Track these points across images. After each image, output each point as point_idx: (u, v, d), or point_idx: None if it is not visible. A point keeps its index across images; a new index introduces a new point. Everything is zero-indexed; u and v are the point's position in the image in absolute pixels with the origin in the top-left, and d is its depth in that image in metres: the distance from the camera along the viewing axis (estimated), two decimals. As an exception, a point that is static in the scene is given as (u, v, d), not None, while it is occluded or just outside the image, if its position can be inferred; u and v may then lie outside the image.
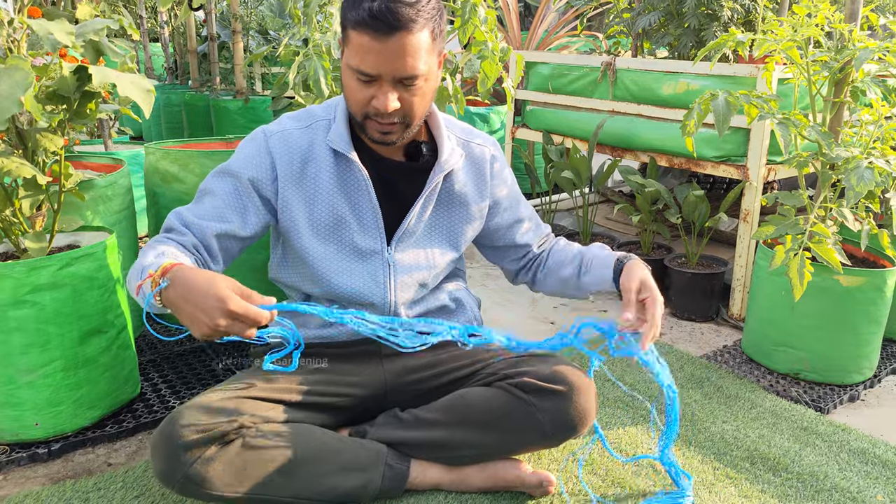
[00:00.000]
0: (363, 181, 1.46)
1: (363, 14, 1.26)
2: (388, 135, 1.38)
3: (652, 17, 2.84)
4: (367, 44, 1.27)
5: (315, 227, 1.48)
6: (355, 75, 1.32)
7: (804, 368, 2.11)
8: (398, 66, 1.29)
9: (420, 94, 1.35)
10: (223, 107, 4.73)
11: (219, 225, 1.42)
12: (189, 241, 1.39)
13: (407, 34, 1.27)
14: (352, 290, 1.51)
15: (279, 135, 1.47)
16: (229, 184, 1.44)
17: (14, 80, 1.35)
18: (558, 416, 1.40)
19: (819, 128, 1.93)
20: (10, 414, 1.60)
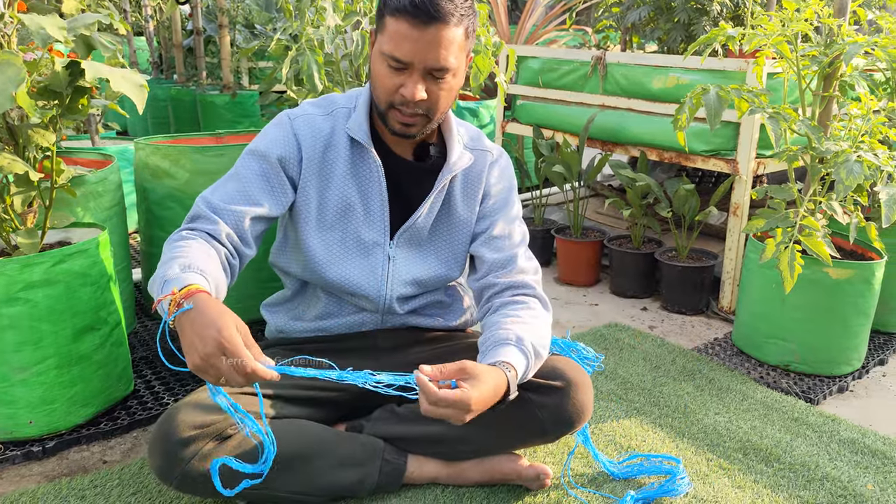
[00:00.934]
0: (376, 171, 1.46)
1: (404, 2, 1.27)
2: (409, 126, 1.38)
3: (641, 11, 2.85)
4: (404, 31, 1.28)
5: (323, 212, 1.48)
6: (387, 61, 1.32)
7: (794, 360, 2.14)
8: (431, 57, 1.30)
9: (447, 89, 1.36)
10: (210, 101, 4.70)
11: (250, 208, 1.40)
12: (221, 229, 1.36)
13: (444, 26, 1.28)
14: (349, 280, 1.51)
15: (303, 118, 1.47)
16: (257, 164, 1.43)
17: (6, 76, 1.34)
18: (557, 412, 1.41)
19: (809, 122, 1.95)
20: (4, 412, 1.59)
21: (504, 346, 1.32)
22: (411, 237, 1.54)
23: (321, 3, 1.81)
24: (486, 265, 1.54)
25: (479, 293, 1.56)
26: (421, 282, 1.57)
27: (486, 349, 1.35)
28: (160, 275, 1.22)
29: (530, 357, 1.33)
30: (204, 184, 2.16)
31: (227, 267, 1.37)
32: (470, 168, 1.55)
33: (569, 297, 2.80)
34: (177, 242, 1.31)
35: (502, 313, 1.44)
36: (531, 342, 1.34)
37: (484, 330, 1.46)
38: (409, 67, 1.32)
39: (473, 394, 1.17)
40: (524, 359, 1.32)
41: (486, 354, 1.34)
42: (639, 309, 2.69)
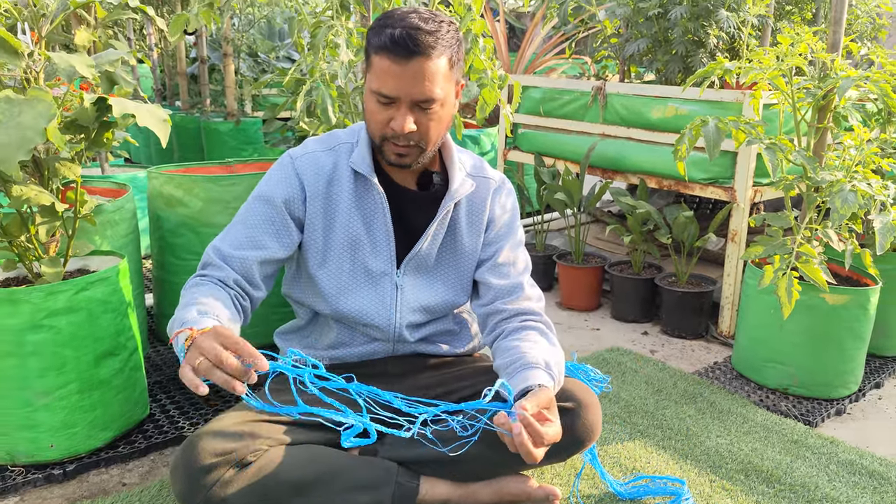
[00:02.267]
0: (380, 202, 1.52)
1: (385, 39, 1.34)
2: (403, 157, 1.44)
3: (640, 43, 2.94)
4: (387, 67, 1.35)
5: (331, 246, 1.53)
6: (375, 97, 1.39)
7: (792, 384, 2.19)
8: (416, 90, 1.36)
9: (436, 119, 1.42)
10: (214, 129, 4.77)
11: (257, 253, 1.48)
12: (229, 275, 1.45)
13: (425, 59, 1.35)
14: (359, 310, 1.56)
15: (305, 157, 1.53)
16: (262, 209, 1.50)
17: (37, 111, 1.40)
18: (568, 432, 1.45)
19: (804, 152, 2.03)
20: (27, 436, 1.62)
21: (534, 369, 1.37)
22: (418, 265, 1.58)
23: (334, 39, 1.88)
24: (493, 292, 1.59)
25: (485, 319, 1.61)
26: (429, 308, 1.61)
27: (513, 371, 1.39)
28: (180, 318, 1.31)
29: (556, 383, 1.39)
30: (216, 212, 2.21)
31: (238, 309, 1.45)
32: (473, 195, 1.60)
33: (571, 322, 2.85)
34: (192, 289, 1.41)
35: (517, 338, 1.49)
36: (556, 368, 1.40)
37: (497, 354, 1.51)
38: (396, 101, 1.38)
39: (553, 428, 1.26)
40: (552, 383, 1.38)
41: (514, 377, 1.38)
42: (640, 333, 2.74)
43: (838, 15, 2.18)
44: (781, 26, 3.01)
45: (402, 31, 1.33)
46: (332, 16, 2.00)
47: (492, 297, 1.59)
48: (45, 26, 1.59)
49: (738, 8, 2.72)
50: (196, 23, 2.21)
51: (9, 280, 1.78)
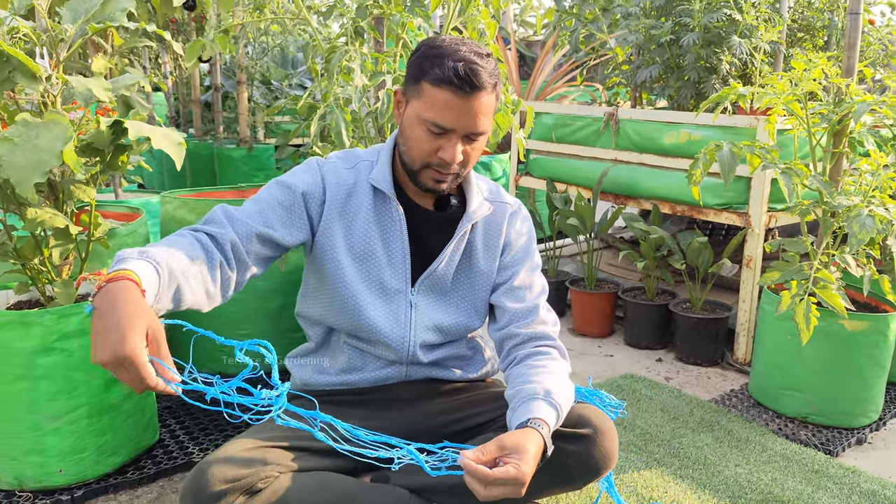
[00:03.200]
0: (398, 220, 1.52)
1: (448, 73, 1.35)
2: (440, 183, 1.45)
3: (652, 69, 2.94)
4: (447, 100, 1.36)
5: (352, 249, 1.53)
6: (426, 127, 1.39)
7: (811, 412, 2.15)
8: (472, 123, 1.38)
9: (478, 149, 1.45)
10: (227, 155, 4.81)
11: (263, 228, 1.40)
12: (226, 234, 1.34)
13: (484, 94, 1.37)
14: (374, 325, 1.55)
15: (331, 165, 1.54)
16: (280, 193, 1.47)
17: (54, 134, 1.41)
18: (583, 460, 1.42)
19: (820, 177, 2.01)
20: (36, 461, 1.61)
21: (534, 400, 1.35)
22: (432, 285, 1.58)
23: (349, 65, 1.89)
24: (508, 315, 1.57)
25: (501, 343, 1.59)
26: (443, 328, 1.60)
27: (515, 405, 1.38)
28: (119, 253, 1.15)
29: (560, 410, 1.36)
30: (229, 236, 2.21)
31: (212, 272, 1.29)
32: (490, 219, 1.60)
33: (584, 348, 2.82)
34: (169, 238, 1.27)
35: (526, 364, 1.48)
36: (559, 395, 1.37)
37: (509, 382, 1.49)
38: (450, 133, 1.40)
39: (526, 468, 1.20)
40: (554, 412, 1.34)
41: (516, 410, 1.36)
42: (654, 360, 2.70)
43: (852, 40, 2.18)
44: (794, 52, 3.01)
45: (465, 67, 1.34)
46: (347, 41, 2.01)
47: (507, 321, 1.58)
48: (63, 51, 1.60)
49: (750, 34, 2.72)
50: (211, 50, 2.23)
51: (21, 303, 1.78)
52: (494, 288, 1.61)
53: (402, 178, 1.54)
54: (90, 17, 1.57)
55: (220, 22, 2.24)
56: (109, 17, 1.58)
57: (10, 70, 1.49)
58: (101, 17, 1.59)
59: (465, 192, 1.58)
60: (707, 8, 2.74)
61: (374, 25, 2.09)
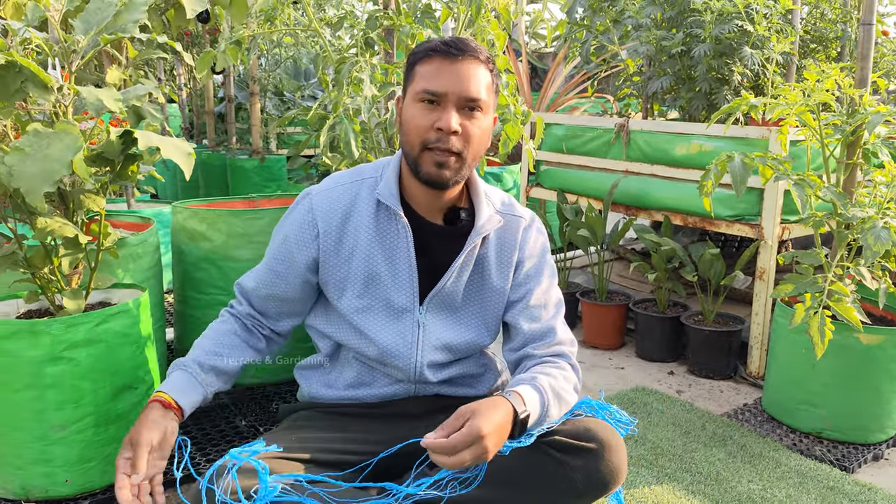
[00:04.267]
0: (404, 235, 1.49)
1: (435, 43, 1.40)
2: (442, 168, 1.40)
3: (663, 81, 2.93)
4: (437, 65, 1.39)
5: (349, 279, 1.51)
6: (421, 98, 1.40)
7: (826, 427, 2.11)
8: (464, 87, 1.38)
9: (478, 126, 1.42)
10: (239, 166, 4.84)
11: (267, 290, 1.55)
12: (243, 310, 1.58)
13: (474, 60, 1.40)
14: (382, 347, 1.53)
15: (322, 194, 1.52)
16: (280, 250, 1.53)
17: (64, 144, 1.41)
18: (590, 475, 1.40)
19: (834, 188, 1.99)
20: (42, 470, 1.61)
21: (516, 385, 1.37)
22: (442, 302, 1.55)
23: (359, 75, 1.90)
24: (524, 336, 1.54)
25: (516, 364, 1.57)
26: (452, 347, 1.57)
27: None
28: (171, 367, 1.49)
29: (545, 393, 1.36)
30: (238, 246, 2.22)
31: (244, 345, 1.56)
32: (503, 233, 1.57)
33: (594, 361, 2.79)
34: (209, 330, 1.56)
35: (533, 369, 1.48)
36: (547, 382, 1.38)
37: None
38: (444, 100, 1.38)
39: (478, 422, 1.21)
40: (536, 393, 1.34)
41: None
42: (665, 373, 2.67)
43: (865, 51, 2.16)
44: (806, 63, 2.99)
45: (451, 38, 1.41)
46: (357, 52, 2.02)
47: (523, 342, 1.55)
48: (76, 62, 1.61)
49: (762, 45, 2.71)
50: (224, 62, 2.24)
51: (30, 312, 1.78)
52: (509, 306, 1.58)
53: (409, 192, 1.52)
54: (102, 28, 1.58)
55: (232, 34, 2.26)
56: (122, 29, 1.59)
57: (22, 80, 1.50)
58: (113, 29, 1.60)
59: (475, 204, 1.55)
60: (718, 19, 2.73)
61: (384, 37, 2.09)
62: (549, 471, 1.43)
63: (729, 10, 2.69)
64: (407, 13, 2.04)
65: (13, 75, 1.50)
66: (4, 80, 1.50)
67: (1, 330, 1.56)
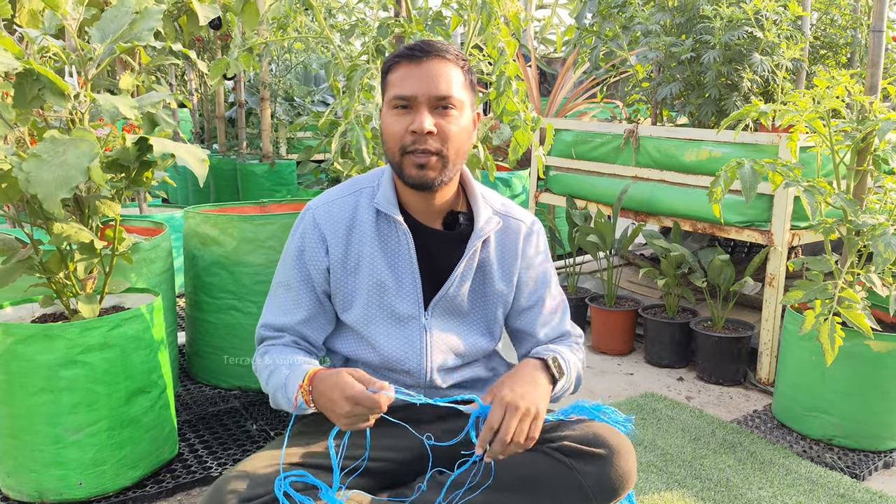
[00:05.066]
0: (405, 242, 1.50)
1: (401, 49, 1.41)
2: (424, 168, 1.40)
3: (672, 87, 2.93)
4: (403, 71, 1.39)
5: (356, 291, 1.52)
6: (394, 105, 1.40)
7: (837, 434, 2.11)
8: (432, 86, 1.38)
9: (455, 124, 1.41)
10: (250, 170, 4.87)
11: (302, 314, 1.51)
12: (287, 340, 1.52)
13: (440, 59, 1.40)
14: (389, 355, 1.54)
15: (323, 207, 1.53)
16: (298, 270, 1.52)
17: (81, 151, 1.43)
18: (600, 480, 1.41)
19: (844, 195, 1.99)
20: (56, 473, 1.62)
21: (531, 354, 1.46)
22: (446, 307, 1.56)
23: (369, 82, 1.91)
24: (539, 340, 1.58)
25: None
26: (459, 352, 1.58)
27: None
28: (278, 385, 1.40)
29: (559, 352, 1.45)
30: (249, 251, 2.23)
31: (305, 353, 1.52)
32: (504, 237, 1.58)
33: (603, 366, 2.80)
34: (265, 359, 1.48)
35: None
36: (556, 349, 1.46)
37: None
38: (414, 103, 1.38)
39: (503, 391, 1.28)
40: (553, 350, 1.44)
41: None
42: (674, 379, 2.67)
43: (876, 58, 2.16)
44: (816, 70, 2.99)
45: (416, 41, 1.42)
46: (368, 59, 2.03)
47: (536, 345, 1.58)
48: (92, 70, 1.63)
49: (772, 52, 2.71)
50: (236, 68, 2.26)
51: (45, 316, 1.81)
52: (520, 313, 1.60)
53: (405, 199, 1.51)
54: (118, 36, 1.61)
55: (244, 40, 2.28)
56: (137, 37, 1.62)
57: (39, 88, 1.52)
58: (128, 37, 1.62)
59: (473, 208, 1.56)
60: (728, 26, 2.74)
61: (395, 44, 2.11)
62: (558, 476, 1.44)
63: (738, 17, 2.70)
64: (418, 20, 2.05)
65: (31, 83, 1.52)
66: (22, 88, 1.53)
67: (17, 334, 1.59)
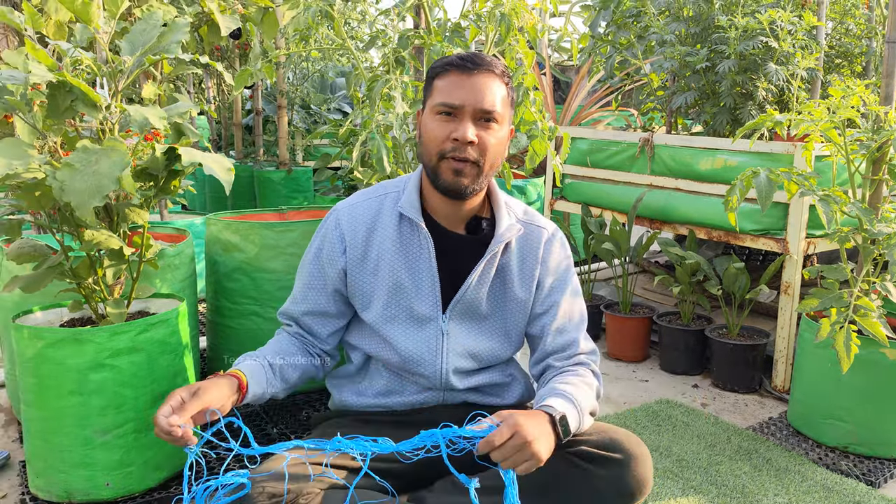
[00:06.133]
0: (426, 247, 1.53)
1: (451, 59, 1.46)
2: (460, 174, 1.45)
3: (687, 96, 2.96)
4: (453, 79, 1.44)
5: (375, 291, 1.56)
6: (439, 110, 1.45)
7: (853, 441, 2.12)
8: (480, 99, 1.43)
9: (494, 137, 1.46)
10: (267, 177, 4.92)
11: (306, 306, 1.60)
12: (293, 331, 1.63)
13: (489, 73, 1.45)
14: (407, 356, 1.57)
15: (347, 209, 1.58)
16: (313, 266, 1.59)
17: (112, 161, 1.48)
18: (616, 485, 1.43)
19: (859, 204, 2.00)
20: (84, 474, 1.66)
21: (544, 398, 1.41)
22: (464, 310, 1.59)
23: (390, 92, 1.95)
24: (547, 349, 1.59)
25: (538, 376, 1.62)
26: (476, 355, 1.61)
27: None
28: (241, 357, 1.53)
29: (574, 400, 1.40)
30: (270, 257, 2.27)
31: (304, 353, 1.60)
32: (525, 244, 1.61)
33: (618, 373, 2.81)
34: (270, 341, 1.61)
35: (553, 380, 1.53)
36: (571, 393, 1.42)
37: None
38: (460, 112, 1.44)
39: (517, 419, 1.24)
40: (565, 401, 1.39)
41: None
42: (690, 386, 2.69)
43: (890, 68, 2.18)
44: (831, 79, 3.00)
45: (467, 53, 1.46)
46: (388, 70, 2.07)
47: (545, 354, 1.59)
48: (122, 81, 1.68)
49: (786, 61, 2.73)
50: (256, 77, 2.31)
51: (74, 321, 1.85)
52: (534, 318, 1.62)
53: (431, 204, 1.56)
54: (147, 49, 1.65)
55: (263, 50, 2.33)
56: (165, 49, 1.66)
57: (72, 99, 1.57)
58: (157, 49, 1.66)
59: (495, 214, 1.59)
60: (743, 35, 2.76)
61: (414, 55, 2.15)
62: (575, 481, 1.46)
63: (753, 27, 2.72)
64: (437, 32, 2.09)
65: (64, 94, 1.57)
66: (55, 99, 1.57)
67: (47, 338, 1.63)
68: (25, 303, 1.90)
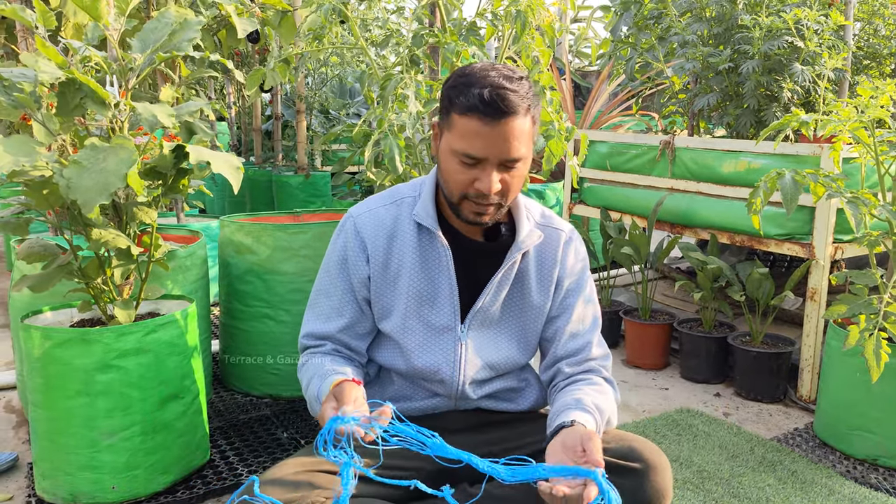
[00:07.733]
0: (445, 256, 1.49)
1: (473, 100, 1.31)
2: (482, 216, 1.41)
3: (710, 98, 2.89)
4: (476, 128, 1.32)
5: (395, 301, 1.52)
6: (459, 158, 1.36)
7: (882, 454, 2.03)
8: (504, 150, 1.33)
9: (518, 177, 1.40)
10: (285, 182, 4.92)
11: (343, 321, 1.51)
12: (327, 349, 1.51)
13: (514, 119, 1.31)
14: (424, 365, 1.53)
15: (365, 215, 1.53)
16: (340, 278, 1.52)
17: (120, 158, 1.46)
18: (635, 495, 1.37)
19: (889, 207, 1.93)
20: (90, 477, 1.64)
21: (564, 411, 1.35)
22: (483, 319, 1.54)
23: (403, 92, 1.92)
24: (559, 352, 1.54)
25: (548, 381, 1.56)
26: (494, 365, 1.57)
27: (549, 424, 1.38)
28: (312, 396, 1.40)
29: (594, 412, 1.35)
30: (283, 259, 2.25)
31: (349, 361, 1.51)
32: (543, 248, 1.56)
33: (638, 381, 2.75)
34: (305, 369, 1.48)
35: (565, 390, 1.47)
36: (592, 401, 1.37)
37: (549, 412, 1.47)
38: (483, 161, 1.35)
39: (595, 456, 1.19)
40: (588, 416, 1.34)
41: (549, 427, 1.36)
42: (711, 395, 2.61)
43: (923, 66, 2.10)
44: (860, 80, 2.92)
45: (492, 93, 1.30)
46: (402, 69, 2.04)
47: (557, 358, 1.54)
48: (132, 79, 1.67)
49: (813, 62, 2.65)
50: (272, 80, 2.29)
51: (83, 321, 1.83)
52: (549, 321, 1.57)
53: (447, 210, 1.51)
54: (158, 46, 1.64)
55: (281, 53, 2.31)
56: (176, 47, 1.64)
57: (81, 97, 1.56)
58: (168, 47, 1.65)
59: (515, 220, 1.54)
60: (767, 35, 2.69)
61: (429, 54, 2.11)
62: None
63: (778, 27, 2.65)
64: (452, 31, 2.06)
65: (73, 92, 1.56)
66: (65, 97, 1.56)
67: (54, 338, 1.61)
68: (36, 303, 1.89)
